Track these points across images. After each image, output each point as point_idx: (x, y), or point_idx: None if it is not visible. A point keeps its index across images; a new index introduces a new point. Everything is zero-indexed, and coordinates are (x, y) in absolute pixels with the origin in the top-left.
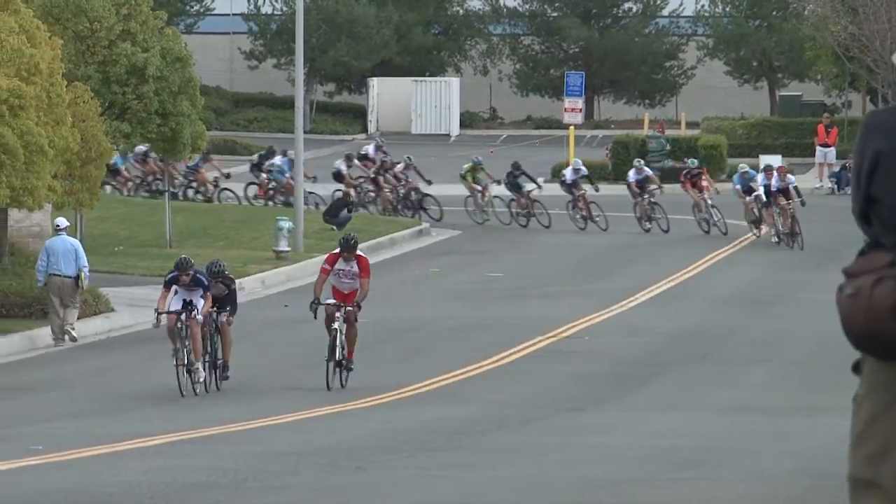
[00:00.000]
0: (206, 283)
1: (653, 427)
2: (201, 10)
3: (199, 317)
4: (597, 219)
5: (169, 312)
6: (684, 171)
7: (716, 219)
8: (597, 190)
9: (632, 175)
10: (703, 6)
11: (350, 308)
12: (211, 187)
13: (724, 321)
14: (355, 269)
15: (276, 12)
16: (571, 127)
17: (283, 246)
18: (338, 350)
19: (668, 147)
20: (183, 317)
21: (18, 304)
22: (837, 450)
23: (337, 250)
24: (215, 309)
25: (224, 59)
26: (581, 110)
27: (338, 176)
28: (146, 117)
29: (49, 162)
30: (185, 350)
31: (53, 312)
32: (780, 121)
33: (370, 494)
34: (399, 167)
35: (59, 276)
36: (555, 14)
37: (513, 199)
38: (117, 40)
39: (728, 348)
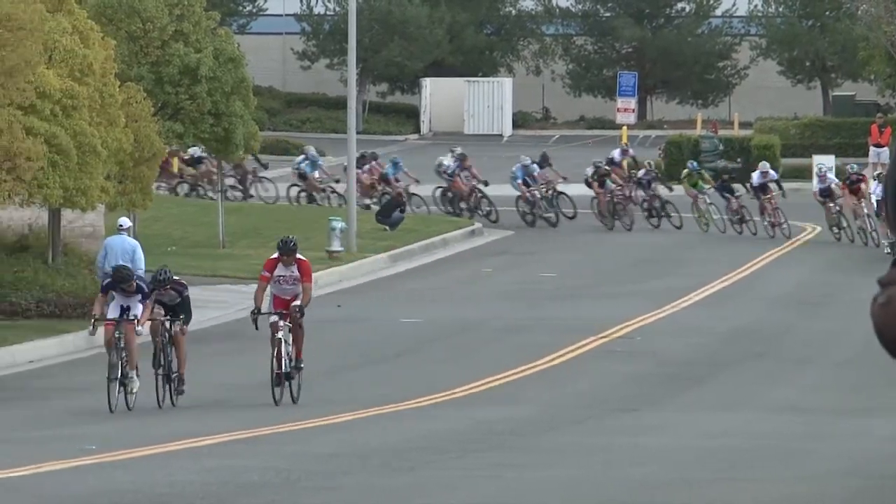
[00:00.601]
0: (146, 290)
1: (704, 427)
2: (254, 10)
3: (140, 328)
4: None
5: (107, 321)
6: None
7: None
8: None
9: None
10: (756, 6)
11: (294, 308)
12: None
13: (775, 321)
14: (296, 273)
15: (328, 13)
16: (624, 127)
17: (336, 246)
18: (284, 361)
19: (721, 147)
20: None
21: (72, 305)
22: (888, 450)
23: (275, 255)
24: (168, 318)
25: (277, 60)
26: (634, 110)
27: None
28: (199, 117)
29: (102, 162)
30: (121, 362)
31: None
32: (834, 121)
33: (421, 495)
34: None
35: None
36: (607, 14)
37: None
38: (170, 41)
39: (780, 349)
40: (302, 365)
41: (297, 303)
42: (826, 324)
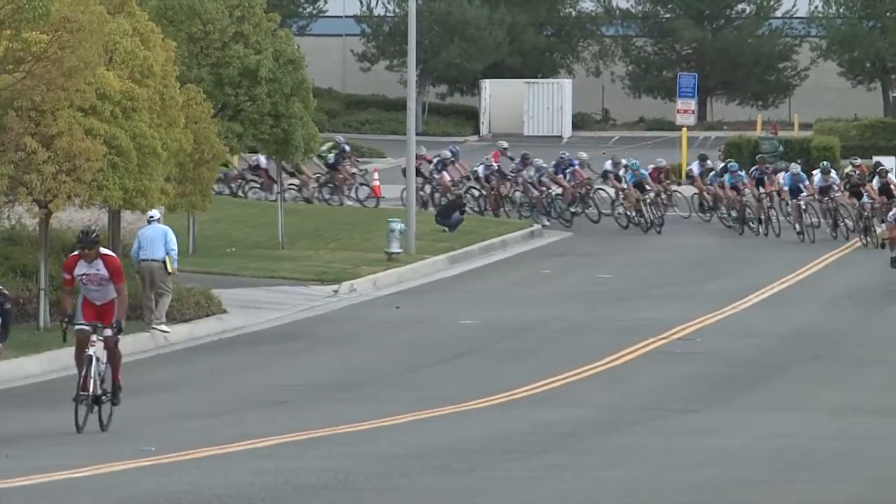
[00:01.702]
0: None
1: (766, 428)
2: (314, 11)
3: None
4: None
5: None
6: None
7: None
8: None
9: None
10: (816, 7)
11: (108, 334)
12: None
13: (834, 323)
14: (103, 272)
15: (388, 14)
16: (684, 128)
17: (395, 247)
18: (92, 383)
19: (781, 148)
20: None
21: (132, 307)
22: None
23: (75, 251)
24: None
25: (336, 61)
26: (694, 112)
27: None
28: (259, 119)
29: (162, 164)
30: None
31: (146, 299)
32: (894, 122)
33: (480, 496)
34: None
35: (148, 260)
36: (667, 15)
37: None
38: (230, 42)
39: (839, 350)
40: (120, 395)
41: (112, 322)
42: (886, 325)
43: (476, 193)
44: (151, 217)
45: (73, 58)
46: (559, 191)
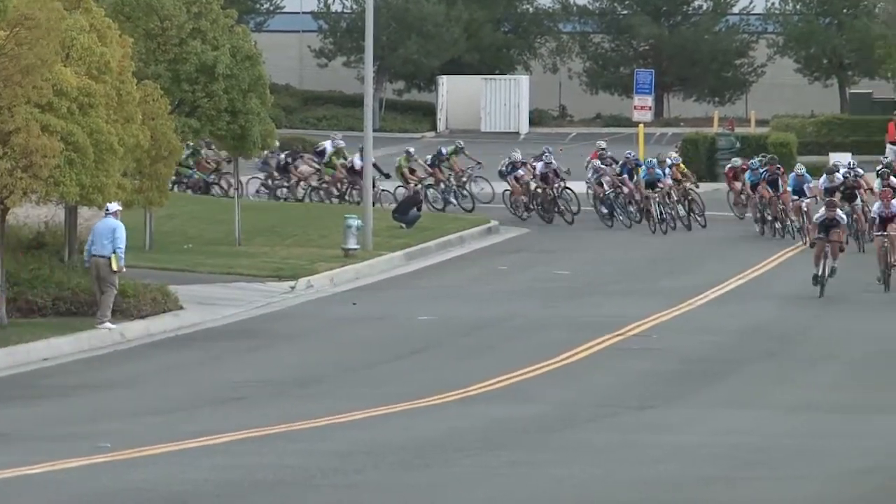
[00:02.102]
0: None
1: (721, 425)
2: (271, 8)
3: None
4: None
5: None
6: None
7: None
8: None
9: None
10: (773, 4)
11: None
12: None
13: (792, 319)
14: None
15: (345, 10)
16: (641, 125)
17: (352, 244)
18: None
19: (738, 145)
20: None
21: (87, 302)
22: None
23: None
24: None
25: (294, 57)
26: (651, 108)
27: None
28: (216, 115)
29: (119, 160)
30: None
31: (98, 294)
32: (851, 118)
33: (437, 492)
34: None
35: (97, 256)
36: (625, 12)
37: None
38: (187, 38)
39: (795, 347)
40: None
41: None
42: (840, 323)
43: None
44: (107, 210)
45: (30, 55)
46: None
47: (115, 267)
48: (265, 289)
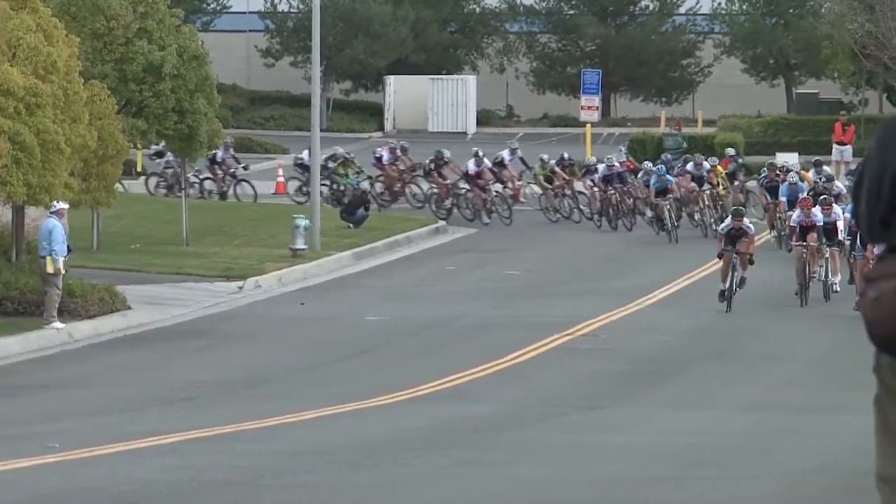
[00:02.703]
0: None
1: (671, 425)
2: (218, 7)
3: None
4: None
5: None
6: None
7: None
8: None
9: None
10: (719, 4)
11: None
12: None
13: (740, 320)
14: None
15: (292, 10)
16: (588, 125)
17: (300, 244)
18: None
19: (684, 145)
20: None
21: (35, 303)
22: (858, 447)
23: None
24: None
25: (240, 57)
26: (598, 108)
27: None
28: (163, 115)
29: (66, 159)
30: None
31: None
32: (797, 118)
33: (387, 492)
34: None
35: (40, 256)
36: (571, 12)
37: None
38: (134, 38)
39: (746, 347)
40: None
41: None
42: (791, 324)
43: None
44: (52, 208)
45: None
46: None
47: (49, 269)
48: (213, 289)
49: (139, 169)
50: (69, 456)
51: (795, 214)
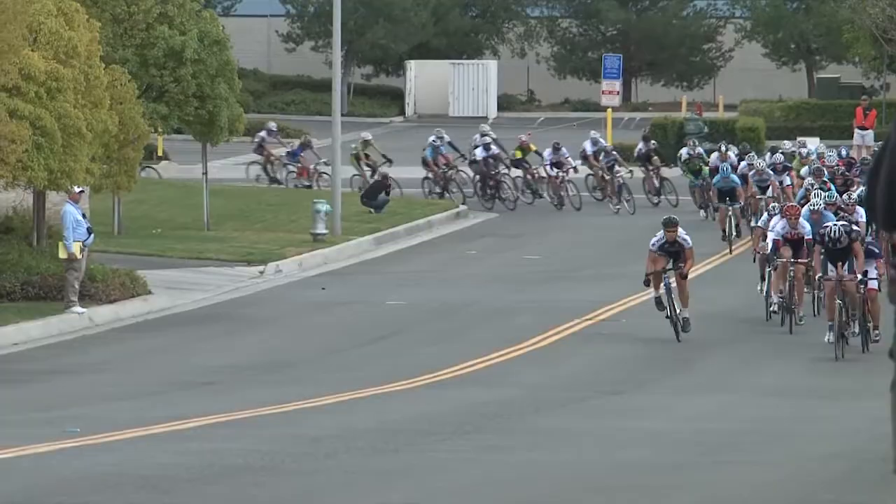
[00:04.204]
0: None
1: (691, 410)
2: None
3: None
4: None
5: None
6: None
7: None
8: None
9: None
10: None
11: None
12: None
13: (761, 304)
14: None
15: None
16: (609, 109)
17: (321, 229)
18: None
19: (705, 129)
20: None
21: (56, 287)
22: (875, 431)
23: None
24: None
25: (261, 42)
26: (618, 93)
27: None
28: (183, 100)
29: (87, 144)
30: None
31: None
32: (818, 103)
33: (406, 477)
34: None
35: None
36: None
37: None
38: (155, 23)
39: (768, 332)
40: None
41: None
42: (810, 309)
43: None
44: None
45: None
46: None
47: (61, 254)
48: (234, 273)
49: (160, 153)
50: (89, 441)
51: (779, 226)
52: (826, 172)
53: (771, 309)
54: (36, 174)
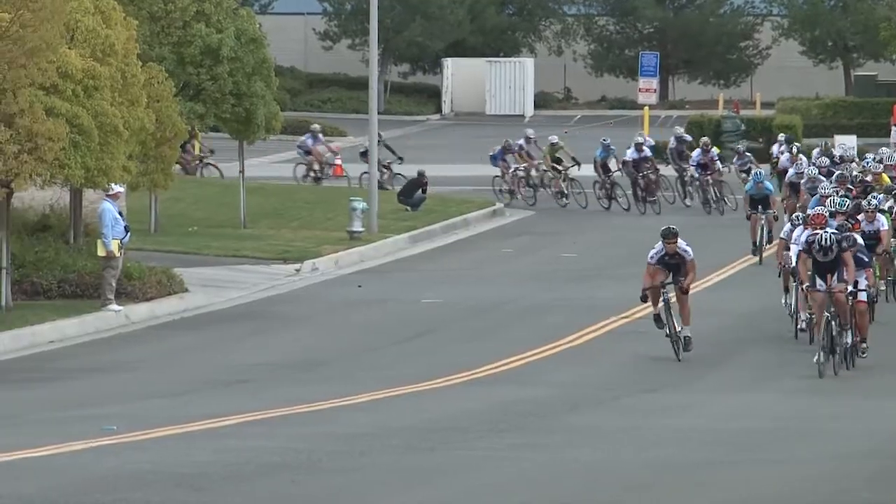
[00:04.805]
0: None
1: (726, 408)
2: None
3: None
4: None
5: None
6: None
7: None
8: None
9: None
10: None
11: None
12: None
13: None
14: None
15: None
16: (646, 107)
17: (357, 227)
18: None
19: (742, 127)
20: None
21: (93, 285)
22: None
23: None
24: None
25: (298, 40)
26: (655, 90)
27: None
28: (220, 98)
29: (123, 142)
30: None
31: None
32: (856, 101)
33: (442, 475)
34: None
35: None
36: None
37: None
38: (192, 21)
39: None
40: None
41: None
42: None
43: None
44: (107, 192)
45: (34, 37)
46: None
47: (98, 252)
48: (270, 271)
49: (197, 152)
50: (125, 438)
51: (804, 234)
52: (849, 179)
53: (799, 327)
54: (73, 172)
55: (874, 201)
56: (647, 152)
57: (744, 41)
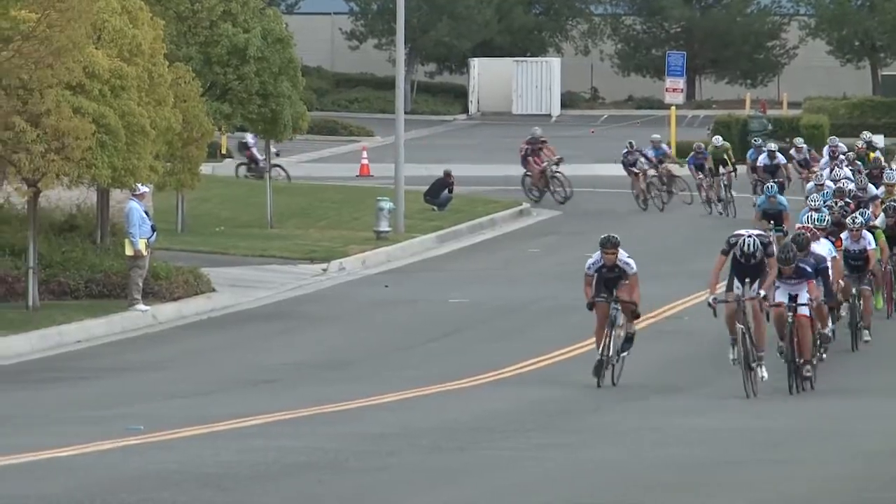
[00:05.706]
0: None
1: (752, 408)
2: None
3: None
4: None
5: None
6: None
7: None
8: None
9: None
10: None
11: None
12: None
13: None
14: None
15: None
16: (673, 107)
17: (384, 226)
18: None
19: (769, 127)
20: None
21: (120, 285)
22: None
23: None
24: None
25: (325, 40)
26: (682, 90)
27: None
28: (247, 98)
29: (150, 142)
30: None
31: None
32: (883, 100)
33: (469, 475)
34: None
35: None
36: None
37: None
38: (218, 21)
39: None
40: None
41: None
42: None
43: None
44: (133, 192)
45: (61, 37)
46: None
47: (128, 251)
48: (297, 271)
49: (223, 152)
50: (151, 438)
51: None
52: (848, 193)
53: (825, 331)
54: (100, 172)
55: (860, 219)
56: (781, 159)
57: (771, 41)
